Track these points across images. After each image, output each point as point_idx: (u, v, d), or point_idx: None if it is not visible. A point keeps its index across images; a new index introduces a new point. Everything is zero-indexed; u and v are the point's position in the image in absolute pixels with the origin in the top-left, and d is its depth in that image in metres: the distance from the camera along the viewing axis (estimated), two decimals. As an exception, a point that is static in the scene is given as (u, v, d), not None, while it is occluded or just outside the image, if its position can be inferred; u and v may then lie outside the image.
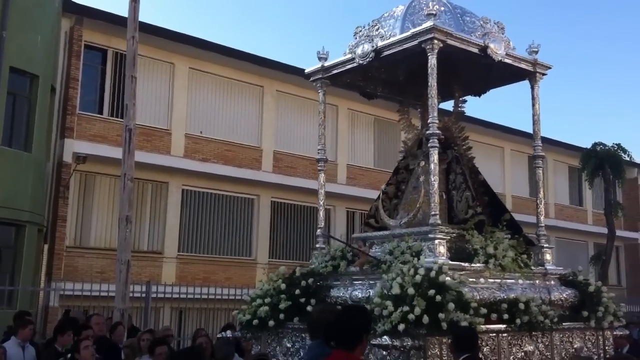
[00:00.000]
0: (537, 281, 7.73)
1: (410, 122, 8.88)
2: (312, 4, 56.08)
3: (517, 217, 8.70)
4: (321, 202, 8.64)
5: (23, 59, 15.57)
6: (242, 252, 20.53)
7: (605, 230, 25.68)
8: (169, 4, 47.55)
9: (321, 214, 8.62)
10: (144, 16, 7.95)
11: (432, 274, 6.34)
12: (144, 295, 13.49)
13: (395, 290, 6.29)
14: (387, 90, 9.38)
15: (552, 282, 7.89)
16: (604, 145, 25.45)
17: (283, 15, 53.67)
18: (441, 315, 6.06)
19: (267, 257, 20.64)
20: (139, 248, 17.75)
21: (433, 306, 6.10)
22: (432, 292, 6.16)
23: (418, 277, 6.31)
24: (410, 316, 6.03)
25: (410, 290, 6.19)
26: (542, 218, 8.28)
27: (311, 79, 8.84)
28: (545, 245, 8.08)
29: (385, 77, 9.10)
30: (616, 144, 25.49)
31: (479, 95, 9.32)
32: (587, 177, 25.85)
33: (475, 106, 54.87)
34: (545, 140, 30.29)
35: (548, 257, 8.02)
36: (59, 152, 17.27)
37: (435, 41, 7.19)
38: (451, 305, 6.11)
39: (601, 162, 25.09)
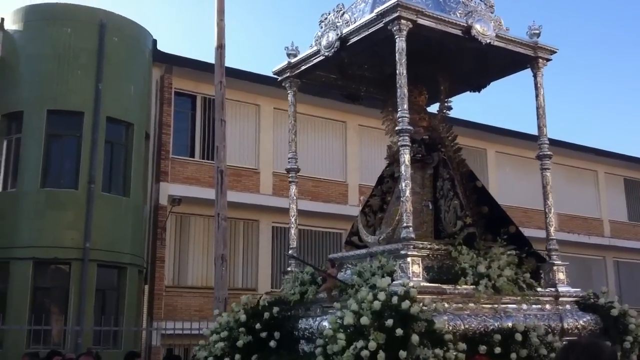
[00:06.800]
0: (547, 306, 6.49)
1: (396, 124, 7.59)
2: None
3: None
4: (292, 219, 7.69)
5: (118, 109, 16.47)
6: (333, 287, 20.56)
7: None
8: (252, 47, 48.99)
9: (292, 231, 7.70)
10: (230, 61, 8.29)
11: (394, 299, 5.19)
12: (240, 332, 13.71)
13: (348, 320, 5.17)
14: (371, 90, 8.30)
15: (567, 307, 6.58)
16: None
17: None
18: (402, 353, 4.95)
19: (358, 291, 20.59)
20: (234, 285, 18.06)
21: (394, 340, 5.01)
22: (390, 322, 5.04)
23: (377, 304, 5.18)
24: (364, 352, 4.95)
25: (364, 320, 5.09)
26: (551, 229, 6.92)
27: (279, 79, 7.87)
28: (556, 262, 6.71)
29: (369, 75, 8.03)
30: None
31: (479, 90, 8.17)
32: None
33: (564, 130, 53.41)
34: (620, 157, 28.66)
35: (561, 276, 6.67)
36: (155, 195, 17.93)
37: (403, 21, 6.03)
38: (415, 338, 4.99)
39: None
